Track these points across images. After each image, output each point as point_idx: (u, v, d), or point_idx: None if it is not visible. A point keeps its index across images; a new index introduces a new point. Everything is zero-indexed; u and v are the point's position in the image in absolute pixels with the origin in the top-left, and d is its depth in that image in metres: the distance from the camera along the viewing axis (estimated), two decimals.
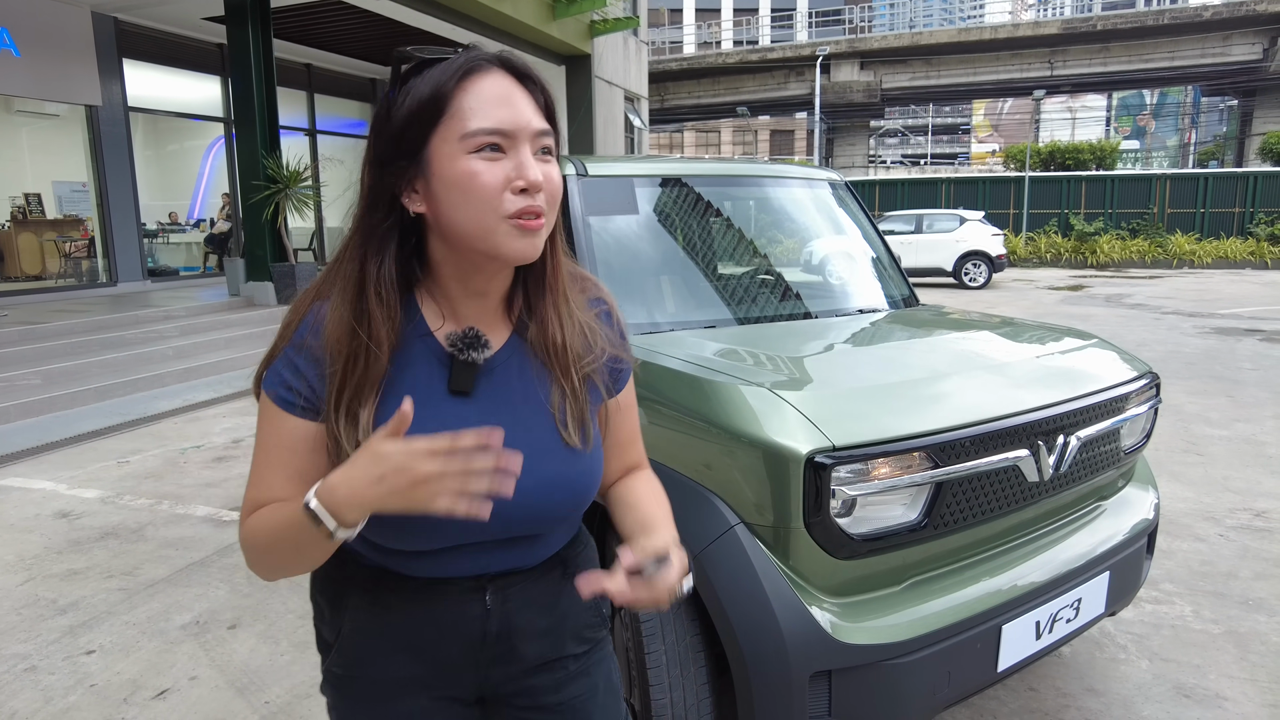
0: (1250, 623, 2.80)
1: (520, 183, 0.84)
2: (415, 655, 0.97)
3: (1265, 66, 27.89)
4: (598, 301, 1.04)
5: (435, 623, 0.96)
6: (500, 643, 0.99)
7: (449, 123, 0.85)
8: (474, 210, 0.85)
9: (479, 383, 0.93)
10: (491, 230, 0.85)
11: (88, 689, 2.48)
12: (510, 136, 0.85)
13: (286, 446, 0.90)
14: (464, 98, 0.84)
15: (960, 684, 1.71)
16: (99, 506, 4.10)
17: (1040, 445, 1.80)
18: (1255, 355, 7.68)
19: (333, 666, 1.01)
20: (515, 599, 0.99)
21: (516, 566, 0.99)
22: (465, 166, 0.84)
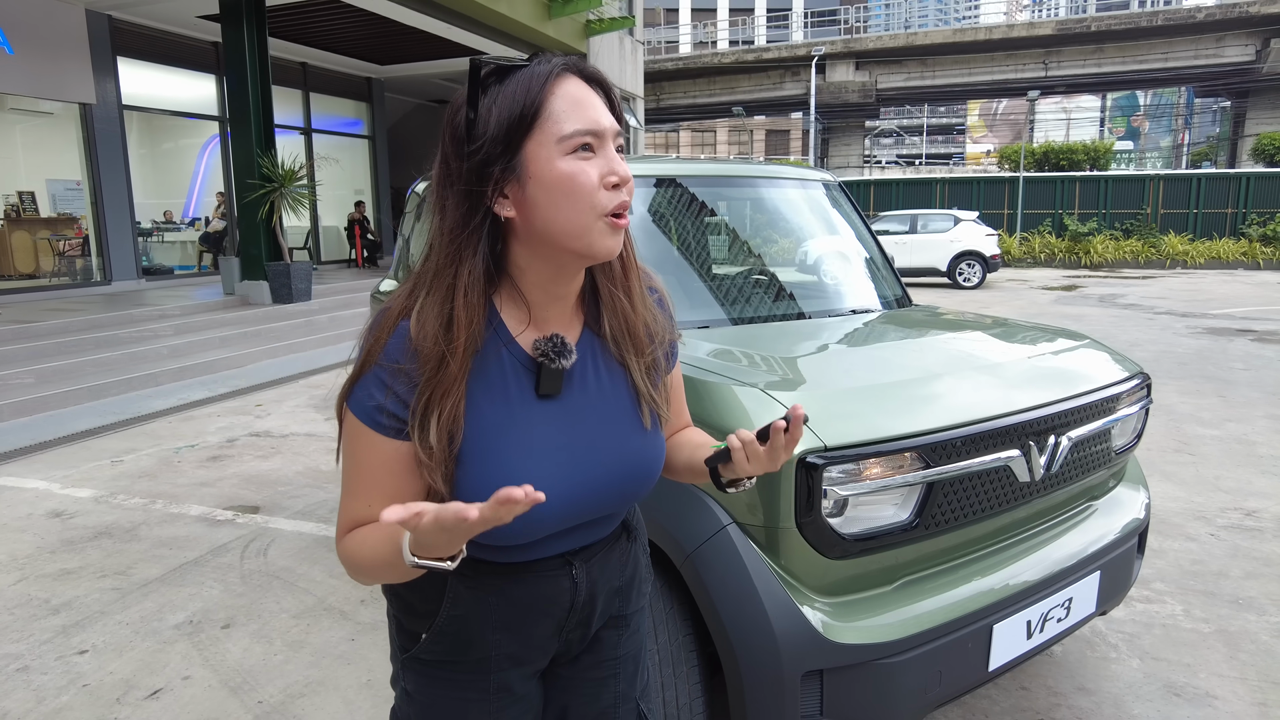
0: (1240, 622, 2.82)
1: (613, 178, 0.89)
2: (511, 633, 1.03)
3: (1258, 68, 28.01)
4: (651, 290, 1.09)
5: (531, 600, 1.03)
6: (585, 608, 1.08)
7: (544, 126, 0.87)
8: (574, 209, 0.88)
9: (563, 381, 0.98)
10: (588, 228, 0.89)
11: (80, 689, 2.47)
12: (600, 136, 0.89)
13: (381, 467, 0.91)
14: (555, 102, 0.88)
15: (952, 683, 1.72)
16: (92, 506, 4.10)
17: (1031, 445, 1.81)
18: (1247, 355, 7.72)
19: (421, 654, 1.04)
20: (596, 568, 1.07)
21: (594, 539, 1.07)
22: (566, 167, 0.87)
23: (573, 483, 0.96)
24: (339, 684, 2.48)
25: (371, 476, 0.92)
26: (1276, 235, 18.62)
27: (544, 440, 0.95)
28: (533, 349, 0.95)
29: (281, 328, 8.50)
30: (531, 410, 0.95)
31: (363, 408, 0.90)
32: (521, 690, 1.07)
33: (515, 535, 0.95)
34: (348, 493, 0.94)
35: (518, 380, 0.95)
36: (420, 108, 18.44)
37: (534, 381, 0.95)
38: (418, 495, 0.93)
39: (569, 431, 0.97)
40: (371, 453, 0.91)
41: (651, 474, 1.03)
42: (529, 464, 0.93)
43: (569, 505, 0.96)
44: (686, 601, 1.77)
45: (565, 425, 0.97)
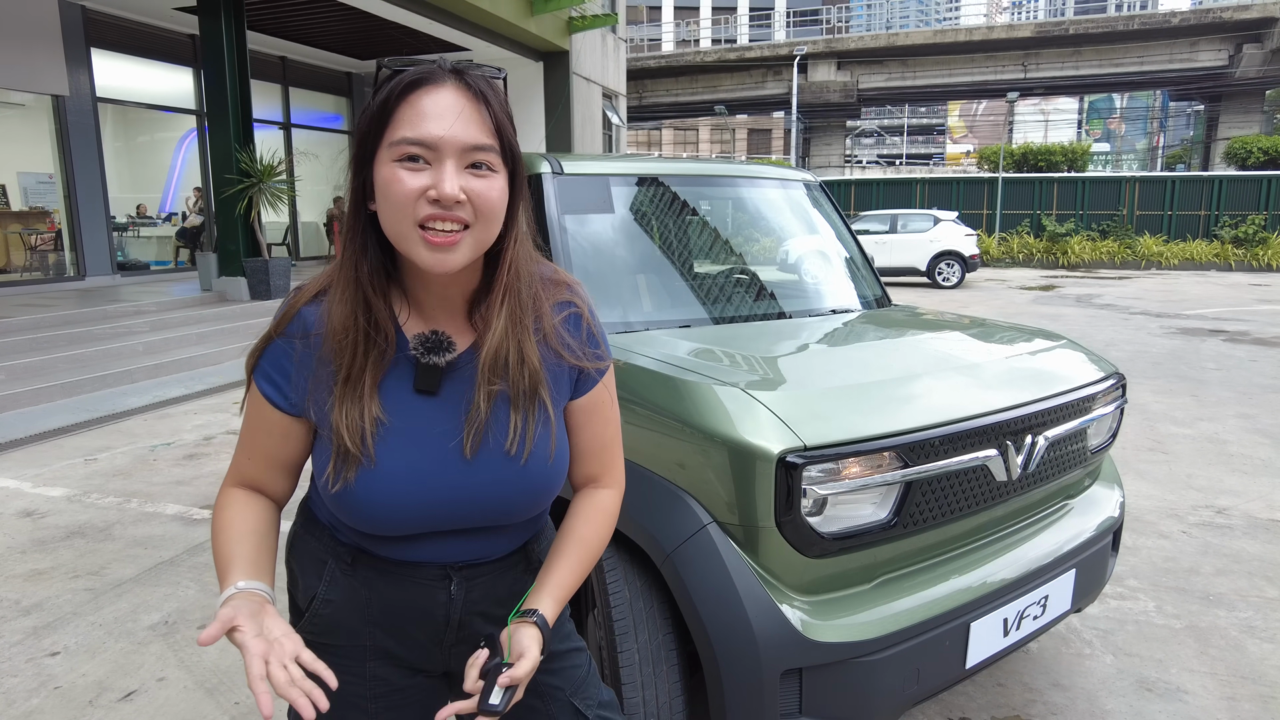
0: (1211, 618, 2.86)
1: (433, 192, 0.88)
2: (385, 630, 1.05)
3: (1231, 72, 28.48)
4: (565, 305, 1.05)
5: (404, 604, 1.04)
6: (462, 628, 1.07)
7: (387, 133, 0.90)
8: (392, 215, 0.89)
9: (444, 381, 0.99)
10: (405, 236, 0.90)
11: (52, 691, 2.43)
12: (433, 149, 0.88)
13: (263, 431, 1.01)
14: (403, 109, 0.89)
15: (929, 681, 1.74)
16: (65, 505, 4.03)
17: (1009, 445, 1.83)
18: (1219, 355, 7.85)
19: (303, 633, 1.05)
20: (478, 589, 1.06)
21: (480, 557, 1.06)
22: (388, 172, 0.89)
23: (424, 485, 0.96)
24: None
25: (256, 438, 1.01)
26: (1248, 237, 18.94)
27: (403, 434, 0.96)
28: (411, 341, 0.97)
29: (259, 324, 8.39)
30: (408, 401, 0.97)
31: (261, 375, 0.99)
32: (402, 683, 1.08)
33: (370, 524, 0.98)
34: (239, 446, 1.04)
35: (400, 370, 0.98)
36: None
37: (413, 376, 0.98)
38: (294, 458, 1.02)
39: (433, 433, 0.97)
40: (260, 417, 1.00)
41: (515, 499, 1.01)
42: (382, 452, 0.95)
43: (420, 507, 0.97)
44: (666, 600, 1.77)
45: (431, 426, 0.97)
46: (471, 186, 0.89)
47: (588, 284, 2.38)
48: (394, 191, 0.88)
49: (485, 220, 0.91)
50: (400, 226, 0.90)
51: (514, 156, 0.94)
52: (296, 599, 1.11)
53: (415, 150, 0.88)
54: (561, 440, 1.04)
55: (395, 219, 0.90)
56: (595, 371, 1.07)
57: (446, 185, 0.87)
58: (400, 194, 0.88)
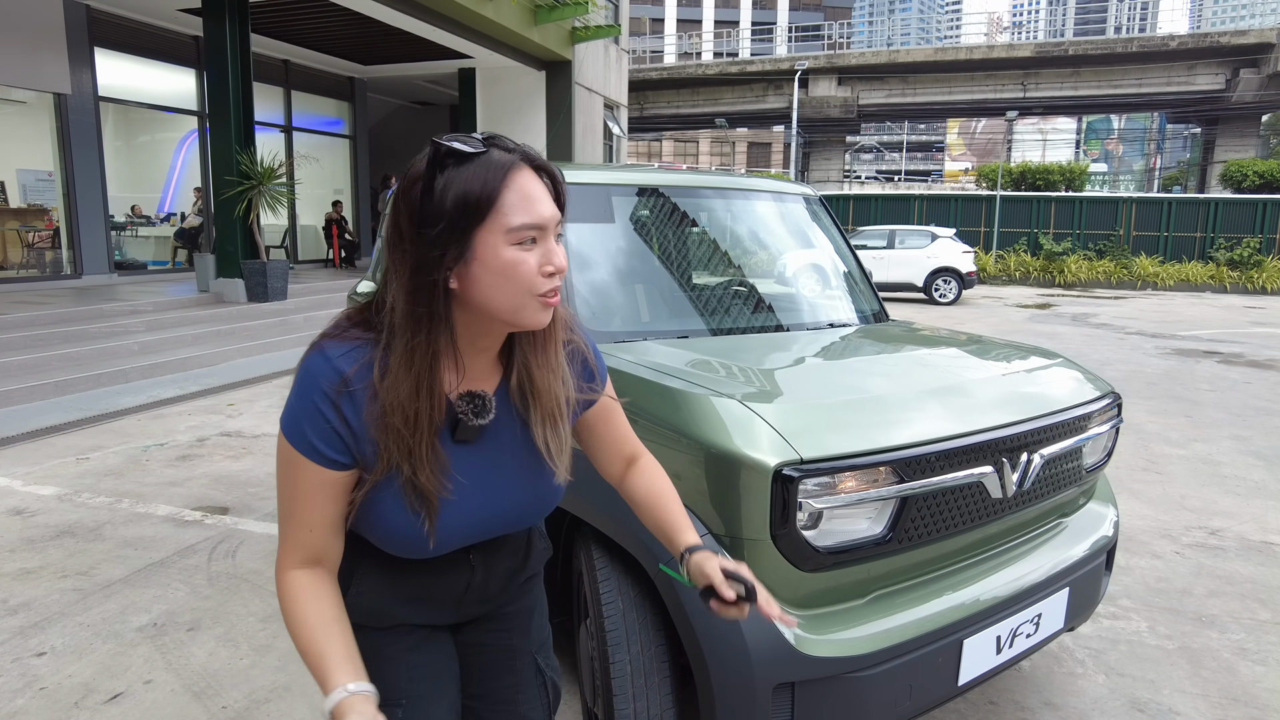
0: (1203, 639, 2.86)
1: (549, 268, 0.99)
2: (414, 606, 1.17)
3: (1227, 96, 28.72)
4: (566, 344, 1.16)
5: (432, 583, 1.16)
6: (481, 588, 1.20)
7: (495, 218, 0.96)
8: (511, 291, 0.98)
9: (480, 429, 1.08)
10: (522, 307, 0.99)
11: (37, 692, 2.41)
12: (543, 229, 0.99)
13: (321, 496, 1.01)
14: (507, 195, 0.96)
15: (921, 697, 1.73)
16: (55, 504, 4.01)
17: (1004, 462, 1.83)
18: (1213, 377, 7.88)
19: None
20: (494, 556, 1.20)
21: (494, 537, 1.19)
22: (509, 256, 0.96)
23: (475, 516, 1.09)
24: (305, 689, 2.44)
25: (314, 505, 1.01)
26: (1243, 260, 19.05)
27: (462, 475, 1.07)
28: (456, 402, 1.05)
29: (256, 326, 8.39)
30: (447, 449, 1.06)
31: (301, 439, 0.99)
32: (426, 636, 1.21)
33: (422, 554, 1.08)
34: (288, 518, 1.03)
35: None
36: (403, 109, 18.36)
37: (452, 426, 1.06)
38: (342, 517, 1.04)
39: (476, 471, 1.08)
40: (314, 484, 1.01)
41: (544, 509, 1.16)
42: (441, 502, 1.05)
43: (471, 532, 1.11)
44: (660, 612, 1.77)
45: (474, 465, 1.08)
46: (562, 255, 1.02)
47: (586, 294, 2.39)
48: (520, 273, 0.97)
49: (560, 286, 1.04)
50: (519, 300, 0.98)
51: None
52: None
53: (534, 234, 0.97)
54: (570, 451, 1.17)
55: (514, 294, 0.98)
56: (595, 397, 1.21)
57: (560, 260, 0.99)
58: (526, 274, 0.97)
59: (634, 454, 1.28)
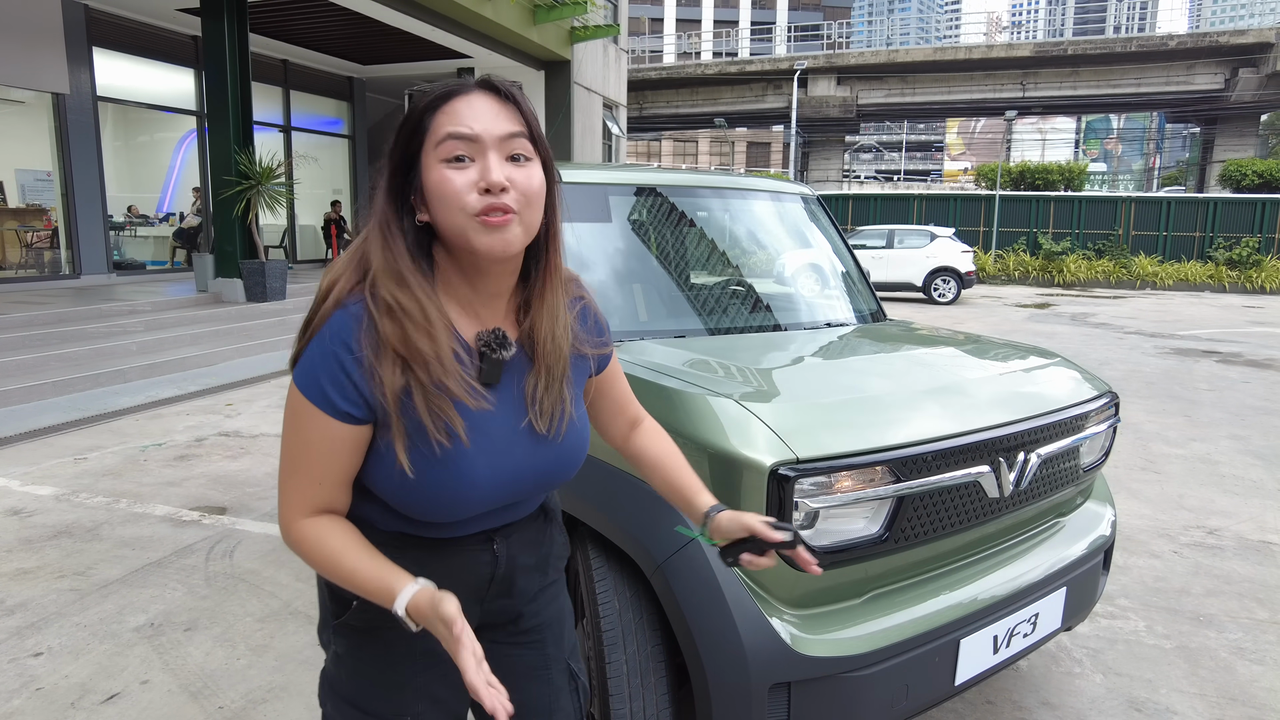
0: (1201, 638, 2.86)
1: (482, 184, 0.94)
2: None
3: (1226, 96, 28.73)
4: (576, 300, 1.15)
5: (452, 573, 1.09)
6: (503, 581, 1.16)
7: (429, 138, 0.96)
8: (448, 211, 0.95)
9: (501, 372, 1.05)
10: (463, 228, 0.95)
11: (34, 692, 2.41)
12: (475, 142, 0.95)
13: (331, 451, 0.98)
14: (439, 117, 0.96)
15: (918, 697, 1.73)
16: (53, 504, 4.01)
17: (1001, 462, 1.83)
18: (1211, 376, 7.88)
19: (351, 620, 1.10)
20: (515, 545, 1.16)
21: (514, 519, 1.15)
22: (438, 174, 0.95)
23: (497, 470, 1.03)
24: (303, 689, 2.44)
25: (324, 460, 0.98)
26: (1242, 259, 19.05)
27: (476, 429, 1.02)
28: (474, 339, 1.03)
29: (254, 326, 8.39)
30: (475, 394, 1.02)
31: (323, 394, 0.95)
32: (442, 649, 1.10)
33: (446, 514, 1.03)
34: (296, 471, 0.99)
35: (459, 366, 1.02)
36: (402, 109, 18.32)
37: (475, 370, 1.02)
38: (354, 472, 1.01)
39: (497, 421, 1.04)
40: (327, 438, 0.97)
41: (555, 475, 1.12)
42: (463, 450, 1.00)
43: (494, 489, 1.04)
44: (656, 612, 1.77)
45: (495, 416, 1.04)
46: (513, 175, 0.96)
47: None
48: (447, 190, 0.94)
49: (529, 204, 0.98)
50: (458, 221, 0.95)
51: (544, 148, 1.02)
52: (340, 593, 1.10)
53: (460, 148, 0.94)
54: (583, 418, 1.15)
55: (451, 214, 0.95)
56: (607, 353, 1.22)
57: (494, 173, 0.94)
58: (453, 190, 0.94)
59: (637, 416, 1.30)
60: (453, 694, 1.17)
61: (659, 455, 1.26)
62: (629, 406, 1.29)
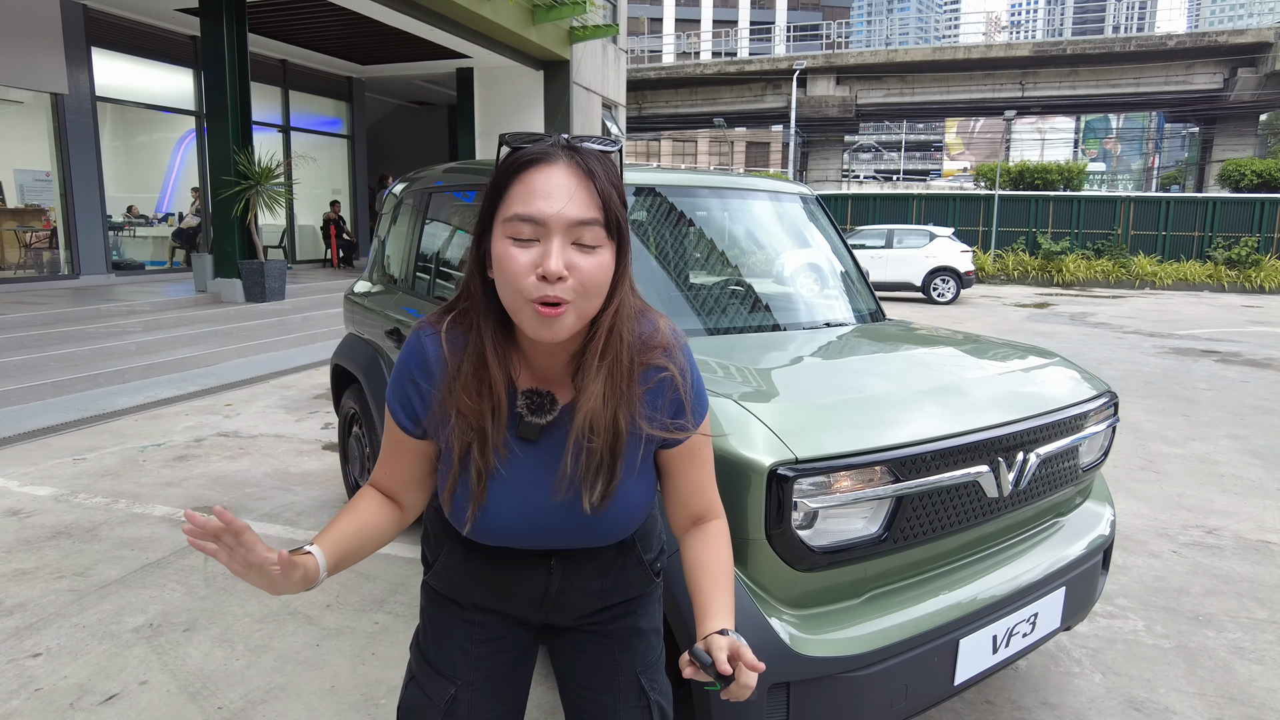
0: (1200, 638, 2.86)
1: (540, 270, 0.93)
2: (491, 592, 1.18)
3: (1225, 95, 28.74)
4: (656, 370, 1.07)
5: (508, 580, 1.16)
6: (559, 597, 1.18)
7: (501, 208, 0.97)
8: (506, 289, 0.97)
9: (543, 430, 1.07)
10: (519, 309, 0.96)
11: (32, 693, 2.41)
12: (542, 225, 0.94)
13: (395, 451, 1.13)
14: (516, 187, 0.96)
15: (917, 697, 1.73)
16: (51, 505, 4.00)
17: (1000, 461, 1.83)
18: (1211, 376, 7.88)
19: (431, 581, 1.23)
20: (576, 568, 1.16)
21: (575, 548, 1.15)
22: (501, 249, 0.96)
23: (523, 520, 1.08)
24: (301, 690, 2.44)
25: (390, 455, 1.13)
26: (1241, 259, 19.06)
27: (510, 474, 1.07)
28: (519, 397, 1.06)
29: (254, 326, 8.38)
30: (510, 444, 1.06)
31: (391, 401, 1.10)
32: (502, 633, 1.21)
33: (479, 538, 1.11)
34: (380, 456, 1.16)
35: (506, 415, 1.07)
36: (401, 109, 18.34)
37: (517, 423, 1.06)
38: (423, 475, 1.13)
39: (532, 474, 1.07)
40: (394, 438, 1.12)
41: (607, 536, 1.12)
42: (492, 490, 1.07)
43: (522, 536, 1.10)
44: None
45: (532, 467, 1.07)
46: (576, 262, 0.94)
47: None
48: (506, 267, 0.95)
49: (587, 295, 0.96)
50: (512, 299, 0.97)
51: (620, 229, 0.99)
52: (427, 553, 1.24)
53: (525, 230, 0.94)
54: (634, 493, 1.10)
55: (508, 292, 0.97)
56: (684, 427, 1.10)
57: (552, 262, 0.92)
58: (512, 270, 0.95)
59: (703, 514, 1.16)
60: (507, 674, 1.22)
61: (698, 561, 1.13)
62: (694, 501, 1.15)
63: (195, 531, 0.88)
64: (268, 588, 0.94)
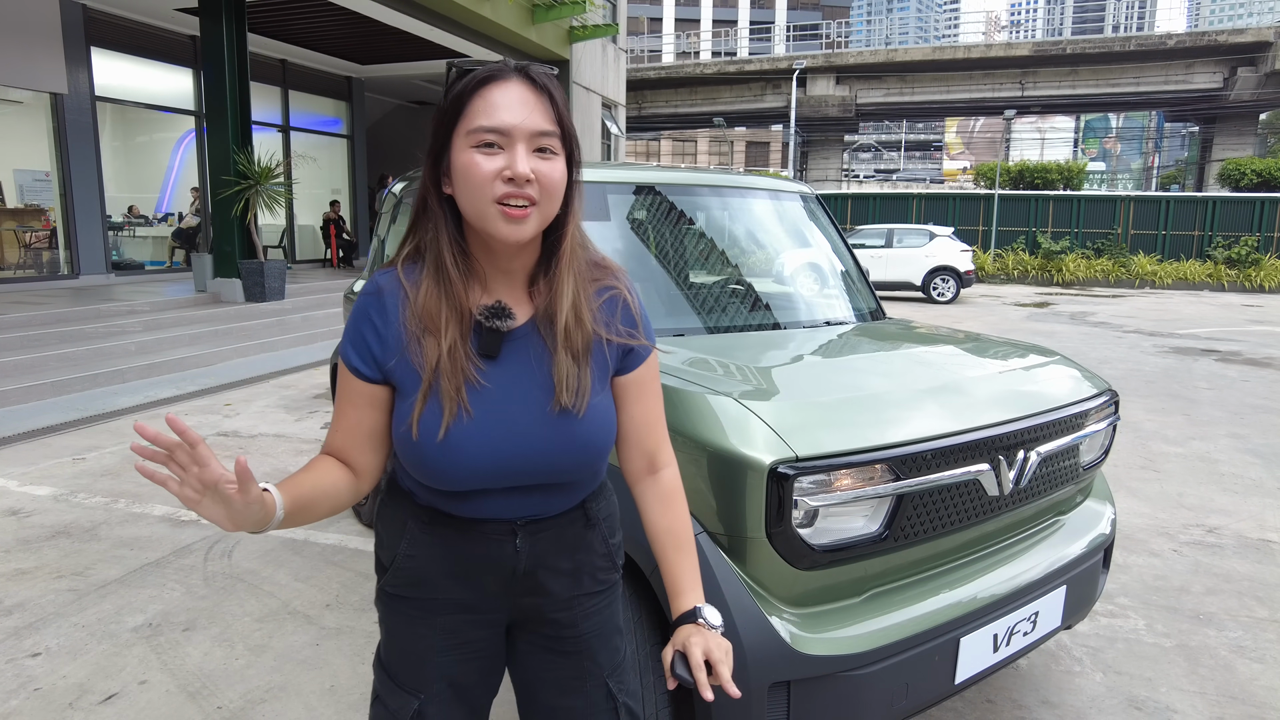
0: (1200, 637, 2.86)
1: (507, 172, 1.00)
2: (458, 582, 1.15)
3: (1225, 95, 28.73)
4: (605, 289, 1.16)
5: (475, 557, 1.14)
6: (528, 578, 1.16)
7: (462, 122, 1.02)
8: (472, 194, 1.01)
9: (503, 348, 1.08)
10: (483, 213, 1.01)
11: (31, 693, 2.41)
12: (506, 134, 1.00)
13: (350, 402, 1.10)
14: (476, 102, 1.02)
15: (918, 696, 1.73)
16: (51, 504, 4.00)
17: (1000, 460, 1.82)
18: (1211, 375, 7.88)
19: (387, 586, 1.18)
20: (542, 542, 1.15)
21: (541, 513, 1.15)
22: (466, 157, 1.01)
23: (496, 441, 1.06)
24: (301, 689, 2.44)
25: (344, 408, 1.11)
26: (1241, 258, 19.06)
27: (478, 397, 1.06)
28: (476, 310, 1.08)
29: (253, 326, 8.38)
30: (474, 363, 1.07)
31: (344, 348, 1.09)
32: (471, 635, 1.18)
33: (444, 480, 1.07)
34: (332, 420, 1.13)
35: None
36: (400, 108, 18.33)
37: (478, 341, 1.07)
38: (378, 429, 1.10)
39: (498, 394, 1.07)
40: (347, 389, 1.10)
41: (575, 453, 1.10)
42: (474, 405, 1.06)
43: (494, 462, 1.07)
44: (655, 610, 1.76)
45: (494, 389, 1.07)
46: (538, 168, 1.01)
47: None
48: (473, 174, 1.00)
49: (549, 197, 1.03)
50: (479, 205, 1.01)
51: (572, 142, 1.07)
52: (382, 557, 1.20)
53: (491, 137, 1.00)
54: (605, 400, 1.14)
55: (474, 198, 1.01)
56: (641, 349, 1.17)
57: (520, 165, 0.99)
58: (479, 175, 1.00)
59: (655, 453, 1.20)
60: (476, 682, 1.20)
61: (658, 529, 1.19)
62: (649, 438, 1.19)
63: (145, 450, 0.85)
64: (223, 519, 0.90)
